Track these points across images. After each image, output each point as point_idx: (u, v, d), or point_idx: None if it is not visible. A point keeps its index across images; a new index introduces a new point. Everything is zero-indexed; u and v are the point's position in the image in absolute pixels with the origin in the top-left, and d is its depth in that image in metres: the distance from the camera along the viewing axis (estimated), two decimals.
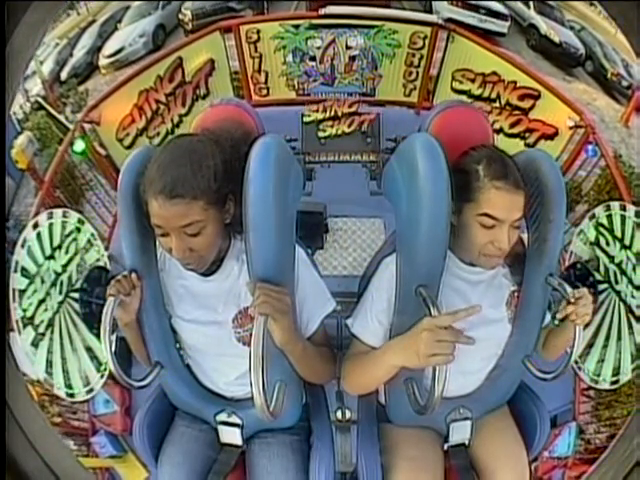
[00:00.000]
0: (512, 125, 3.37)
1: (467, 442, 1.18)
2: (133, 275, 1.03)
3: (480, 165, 1.00)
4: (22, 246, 1.68)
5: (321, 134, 3.36)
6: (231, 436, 1.16)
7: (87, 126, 3.08)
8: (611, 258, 1.66)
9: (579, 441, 2.41)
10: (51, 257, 1.71)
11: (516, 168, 1.02)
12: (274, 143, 1.00)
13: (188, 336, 1.12)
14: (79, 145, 2.99)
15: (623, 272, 1.67)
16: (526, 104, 3.31)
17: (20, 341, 1.61)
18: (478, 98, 3.38)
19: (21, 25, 0.77)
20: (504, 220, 0.99)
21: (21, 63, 0.81)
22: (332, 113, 3.36)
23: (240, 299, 1.06)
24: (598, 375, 1.74)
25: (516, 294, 1.13)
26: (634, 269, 1.66)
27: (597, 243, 1.69)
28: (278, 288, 0.94)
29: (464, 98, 3.37)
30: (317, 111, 3.35)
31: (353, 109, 3.37)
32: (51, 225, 1.73)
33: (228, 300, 1.06)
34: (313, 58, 3.42)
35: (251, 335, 0.87)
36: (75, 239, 1.74)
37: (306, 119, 3.36)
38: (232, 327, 1.07)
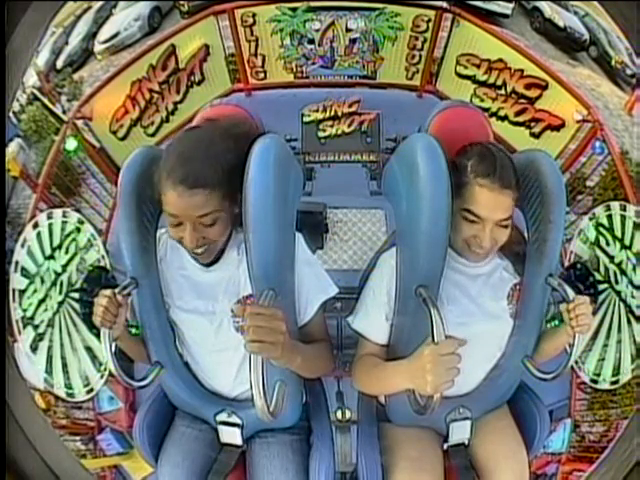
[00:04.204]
0: (517, 113, 3.32)
1: (467, 442, 1.18)
2: (118, 296, 1.02)
3: (470, 161, 1.01)
4: (22, 246, 1.67)
5: (321, 134, 3.33)
6: (231, 436, 1.16)
7: (79, 122, 3.04)
8: (611, 258, 1.66)
9: (574, 436, 2.44)
10: (51, 257, 1.71)
11: (511, 167, 1.01)
12: (274, 143, 1.00)
13: (187, 327, 1.11)
14: (71, 143, 2.97)
15: (623, 272, 1.66)
16: (533, 93, 3.25)
17: (20, 342, 1.61)
18: (483, 84, 3.33)
19: (21, 25, 0.78)
20: (486, 219, 1.00)
21: (21, 63, 0.82)
22: (332, 113, 3.32)
23: (240, 288, 1.06)
24: (598, 375, 1.75)
25: (518, 287, 1.12)
26: (634, 269, 1.65)
27: (597, 243, 1.69)
28: (270, 312, 0.87)
29: (468, 83, 3.32)
30: (317, 111, 3.31)
31: (353, 109, 3.33)
32: (51, 225, 1.73)
33: (228, 289, 1.06)
34: (312, 41, 3.36)
35: None
36: (75, 239, 1.74)
37: (306, 119, 3.32)
38: (231, 316, 1.07)
